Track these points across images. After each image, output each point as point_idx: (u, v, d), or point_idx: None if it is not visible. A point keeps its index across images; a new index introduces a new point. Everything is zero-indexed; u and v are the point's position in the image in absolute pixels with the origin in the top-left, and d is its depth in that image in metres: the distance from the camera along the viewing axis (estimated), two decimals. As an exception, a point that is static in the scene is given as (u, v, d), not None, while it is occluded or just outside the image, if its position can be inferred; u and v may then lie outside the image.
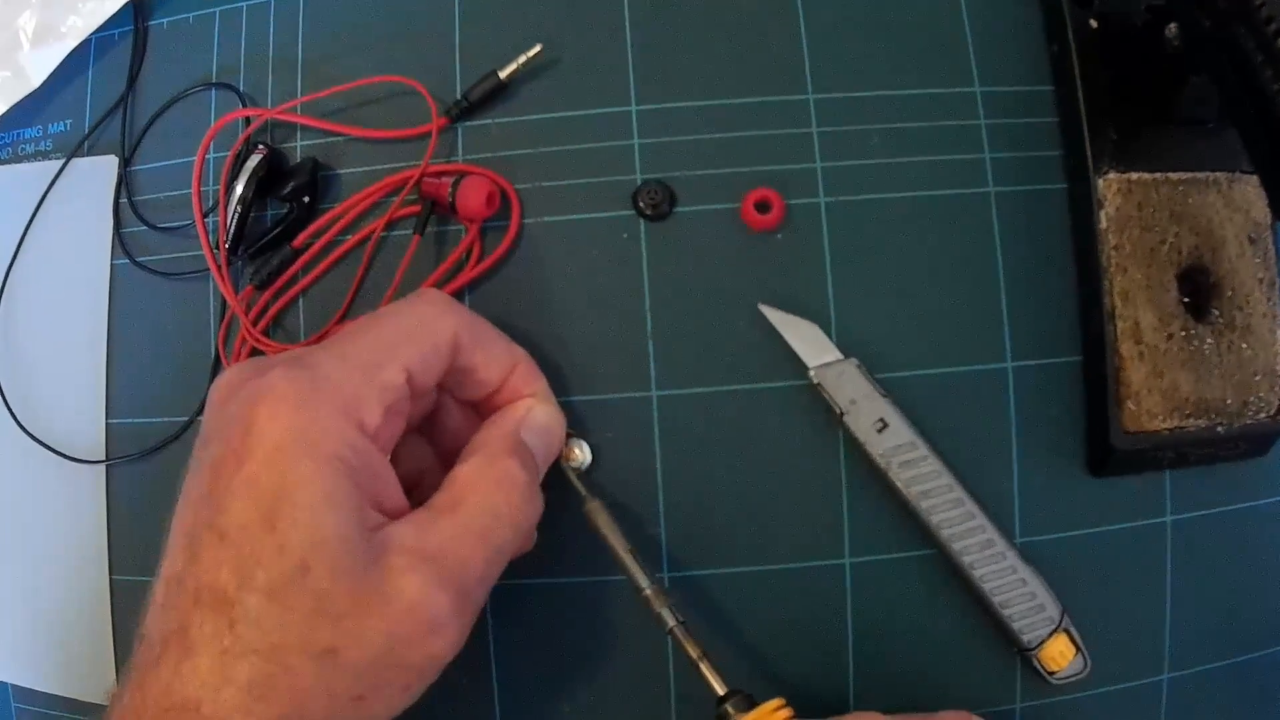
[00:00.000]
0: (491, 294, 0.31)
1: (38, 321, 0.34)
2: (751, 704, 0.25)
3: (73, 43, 0.34)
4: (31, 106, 0.35)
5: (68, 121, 0.35)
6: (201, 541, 0.22)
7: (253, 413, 0.22)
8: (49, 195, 0.34)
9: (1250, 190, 0.32)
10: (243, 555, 0.21)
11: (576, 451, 0.30)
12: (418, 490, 0.28)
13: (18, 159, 0.35)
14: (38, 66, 0.34)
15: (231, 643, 0.21)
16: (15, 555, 0.34)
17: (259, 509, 0.21)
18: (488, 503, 0.24)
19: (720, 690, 0.25)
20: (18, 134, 0.35)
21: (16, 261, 0.34)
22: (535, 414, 0.27)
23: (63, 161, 0.34)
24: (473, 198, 0.30)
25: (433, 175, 0.31)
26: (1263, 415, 0.32)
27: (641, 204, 0.30)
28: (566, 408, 0.30)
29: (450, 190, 0.30)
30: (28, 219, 0.34)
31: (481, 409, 0.28)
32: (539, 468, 0.27)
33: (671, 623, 0.26)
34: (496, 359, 0.27)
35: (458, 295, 0.31)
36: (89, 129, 0.34)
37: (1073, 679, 0.30)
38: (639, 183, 0.31)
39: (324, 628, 0.21)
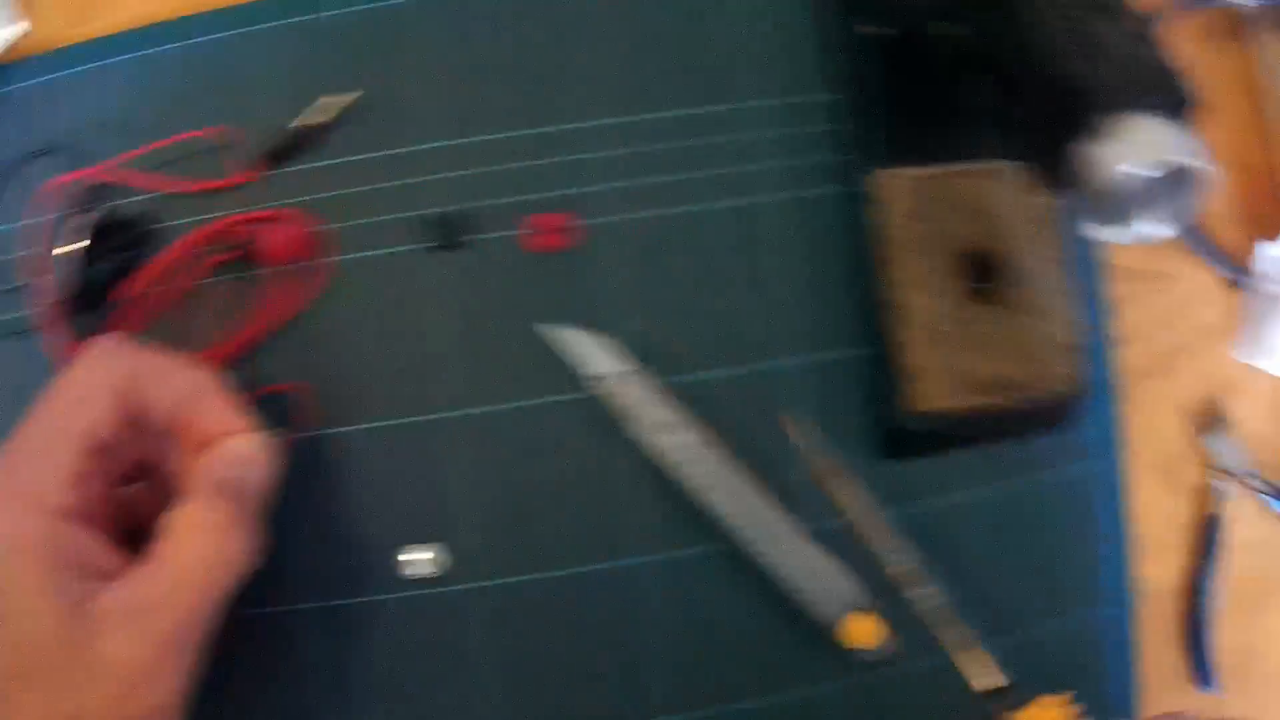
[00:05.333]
0: (302, 334, 0.33)
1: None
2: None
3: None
4: None
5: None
6: None
7: None
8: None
9: (1026, 175, 0.34)
10: None
11: (414, 558, 0.31)
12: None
13: None
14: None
15: None
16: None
17: None
18: (194, 550, 0.26)
19: (997, 682, 0.26)
20: None
21: None
22: (229, 448, 0.27)
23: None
24: (275, 242, 0.31)
25: (245, 223, 0.33)
26: (1057, 388, 0.33)
27: (435, 234, 0.32)
28: (368, 434, 0.32)
29: (255, 237, 0.32)
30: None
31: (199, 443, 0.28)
32: (248, 500, 0.27)
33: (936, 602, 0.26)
34: (168, 394, 0.27)
35: (268, 338, 0.33)
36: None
37: (879, 656, 0.31)
38: (434, 215, 0.32)
39: (64, 699, 0.23)
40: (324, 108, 0.33)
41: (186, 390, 0.28)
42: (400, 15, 0.34)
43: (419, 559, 0.31)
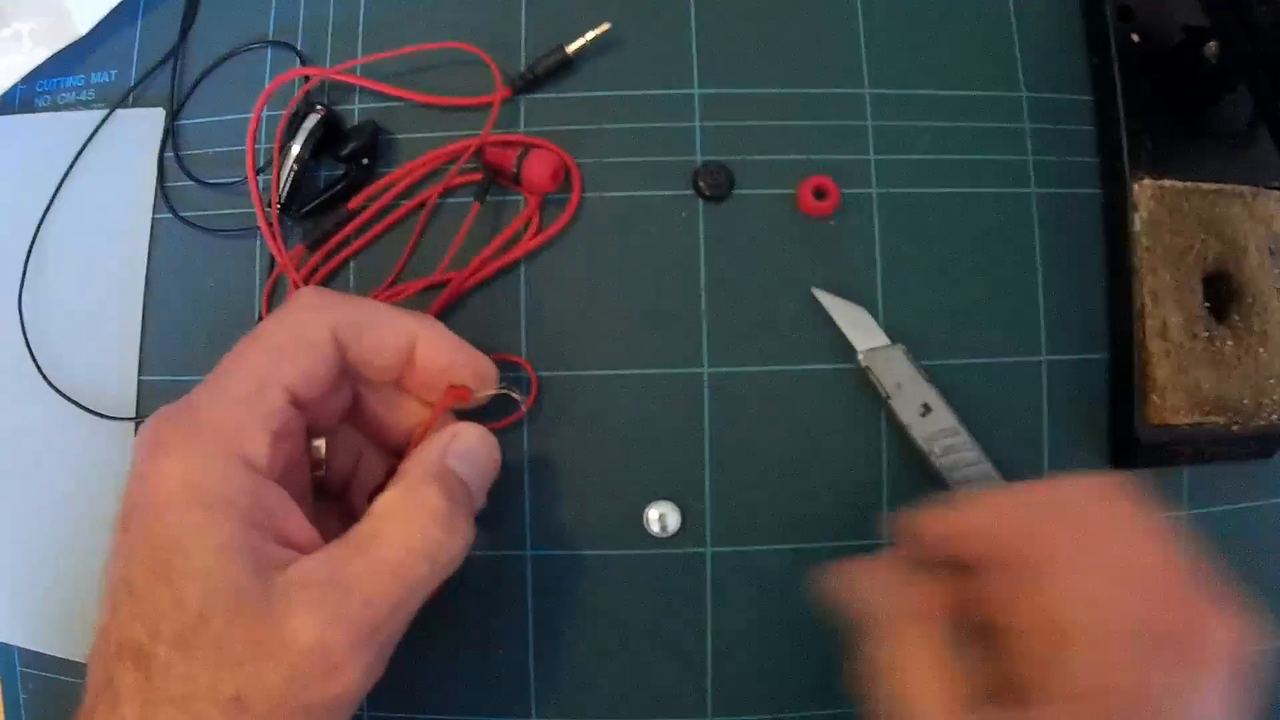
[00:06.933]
0: (548, 266, 0.31)
1: (70, 274, 0.33)
2: None
3: (123, -7, 0.34)
4: (74, 55, 0.34)
5: (113, 72, 0.34)
6: (117, 595, 0.22)
7: (144, 465, 0.23)
8: (90, 145, 0.33)
9: (1272, 204, 0.34)
10: (149, 609, 0.22)
11: (658, 515, 0.30)
12: (354, 481, 0.28)
13: (56, 108, 0.34)
14: (85, 14, 0.33)
15: (150, 693, 0.21)
16: (36, 514, 0.33)
17: (156, 563, 0.22)
18: (402, 536, 0.23)
19: None
20: (58, 82, 0.34)
21: (50, 212, 0.33)
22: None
23: (106, 111, 0.33)
24: (539, 170, 0.30)
25: (495, 145, 0.31)
26: (1275, 417, 0.33)
27: (701, 184, 0.31)
28: (619, 380, 0.31)
29: (516, 161, 0.30)
30: (64, 169, 0.33)
31: (411, 389, 0.27)
32: (471, 493, 0.26)
33: None
34: (387, 343, 0.26)
35: (513, 266, 0.31)
36: (135, 80, 0.33)
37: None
38: (699, 164, 0.31)
39: (227, 676, 0.21)
40: (571, 37, 0.31)
41: (401, 338, 0.26)
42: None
43: (651, 515, 0.30)
